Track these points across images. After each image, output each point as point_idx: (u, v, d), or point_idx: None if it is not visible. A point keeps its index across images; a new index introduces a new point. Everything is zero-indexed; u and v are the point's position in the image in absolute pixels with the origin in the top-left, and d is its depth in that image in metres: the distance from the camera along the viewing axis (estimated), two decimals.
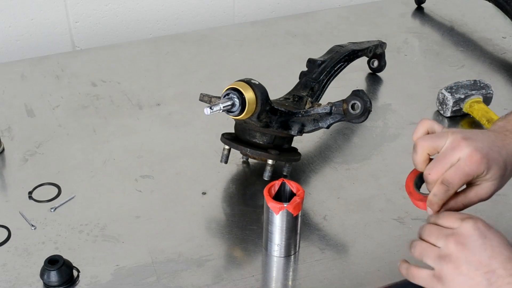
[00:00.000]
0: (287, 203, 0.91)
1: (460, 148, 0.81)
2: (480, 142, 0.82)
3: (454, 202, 0.84)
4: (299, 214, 0.94)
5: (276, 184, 0.94)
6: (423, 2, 1.76)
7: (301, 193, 0.93)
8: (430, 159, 0.85)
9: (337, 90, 1.21)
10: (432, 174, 0.83)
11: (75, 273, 0.93)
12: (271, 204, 0.92)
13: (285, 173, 1.09)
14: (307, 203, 1.07)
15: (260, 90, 0.98)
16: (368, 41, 1.38)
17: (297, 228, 0.96)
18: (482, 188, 0.83)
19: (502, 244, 0.74)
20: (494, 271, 0.72)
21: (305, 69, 1.22)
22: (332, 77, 1.22)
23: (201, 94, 1.07)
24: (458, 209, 0.85)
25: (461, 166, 0.80)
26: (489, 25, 1.67)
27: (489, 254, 0.73)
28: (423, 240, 0.80)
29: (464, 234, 0.75)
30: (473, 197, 0.84)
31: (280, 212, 0.92)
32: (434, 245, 0.77)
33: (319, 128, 1.08)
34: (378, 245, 1.00)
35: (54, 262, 0.91)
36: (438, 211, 0.84)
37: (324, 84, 1.20)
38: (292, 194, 0.94)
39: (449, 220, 0.78)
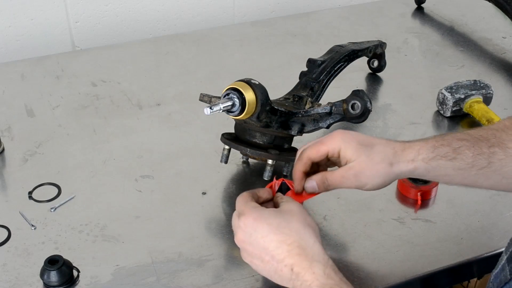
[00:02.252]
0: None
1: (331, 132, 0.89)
2: (355, 132, 0.89)
3: (318, 174, 0.88)
4: None
5: (276, 184, 0.94)
6: (423, 2, 1.76)
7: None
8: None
9: (337, 90, 1.21)
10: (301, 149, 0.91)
11: (75, 273, 0.93)
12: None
13: (285, 173, 1.09)
14: (307, 203, 1.07)
15: (260, 90, 0.98)
16: (368, 41, 1.38)
17: None
18: (345, 167, 0.86)
19: (271, 232, 0.79)
20: (273, 256, 0.78)
21: (305, 69, 1.22)
22: (332, 77, 1.22)
23: (201, 94, 1.07)
24: (321, 183, 0.88)
25: (320, 138, 0.89)
26: (489, 25, 1.67)
27: (262, 245, 0.79)
28: None
29: (239, 235, 0.82)
30: (335, 173, 0.87)
31: None
32: None
33: (319, 128, 1.08)
34: (378, 245, 1.00)
35: (54, 262, 0.91)
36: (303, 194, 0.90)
37: (324, 84, 1.20)
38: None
39: (235, 214, 0.84)
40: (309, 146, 0.89)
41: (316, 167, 0.91)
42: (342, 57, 1.25)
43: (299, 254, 0.78)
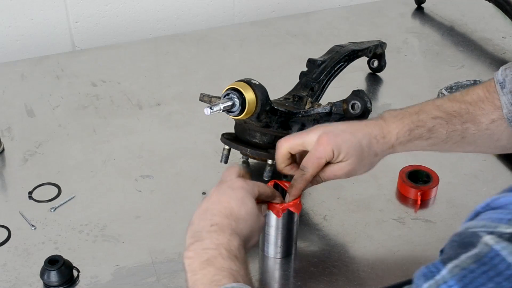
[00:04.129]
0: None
1: (313, 131, 0.90)
2: (335, 128, 0.90)
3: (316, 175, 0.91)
4: (295, 215, 0.93)
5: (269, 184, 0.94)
6: (423, 2, 1.76)
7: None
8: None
9: (337, 90, 1.21)
10: (280, 142, 0.92)
11: (75, 273, 0.93)
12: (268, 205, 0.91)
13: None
14: (307, 203, 1.07)
15: (260, 90, 0.98)
16: (368, 41, 1.38)
17: (292, 229, 0.95)
18: (338, 165, 0.89)
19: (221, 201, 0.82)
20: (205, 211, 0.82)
21: (305, 69, 1.22)
22: (332, 77, 1.22)
23: (201, 94, 1.07)
24: (317, 182, 0.91)
25: (312, 151, 0.89)
26: (489, 25, 1.67)
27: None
28: None
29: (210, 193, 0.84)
30: (328, 171, 0.90)
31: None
32: None
33: None
34: (378, 245, 1.00)
35: (54, 262, 0.91)
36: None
37: (324, 84, 1.20)
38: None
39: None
40: (309, 164, 0.89)
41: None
42: (342, 57, 1.25)
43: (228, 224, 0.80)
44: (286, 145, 0.91)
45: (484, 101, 0.90)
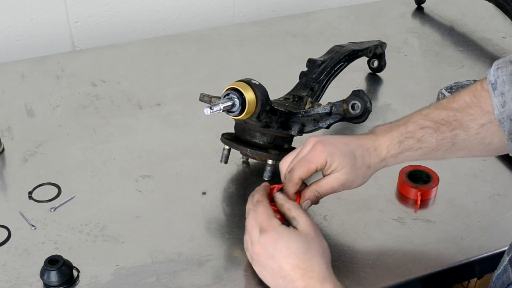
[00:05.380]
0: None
1: (308, 143, 0.92)
2: (329, 138, 0.92)
3: (309, 190, 0.92)
4: None
5: (276, 188, 0.93)
6: (423, 2, 1.76)
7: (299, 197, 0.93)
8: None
9: (337, 90, 1.21)
10: (281, 163, 0.95)
11: (75, 273, 0.93)
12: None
13: None
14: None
15: (260, 90, 0.98)
16: (368, 41, 1.38)
17: None
18: (333, 177, 0.90)
19: (288, 255, 0.82)
20: (286, 276, 0.82)
21: (305, 69, 1.22)
22: (332, 77, 1.22)
23: (201, 94, 1.07)
24: (314, 198, 0.92)
25: (305, 156, 0.90)
26: (489, 25, 1.67)
27: (278, 263, 0.83)
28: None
29: (257, 248, 0.85)
30: (324, 185, 0.91)
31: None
32: None
33: (319, 128, 1.08)
34: (378, 245, 1.00)
35: (54, 262, 0.91)
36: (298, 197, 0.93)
37: (324, 84, 1.20)
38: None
39: (256, 222, 0.86)
40: (297, 166, 0.91)
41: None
42: (342, 57, 1.25)
43: (311, 277, 0.81)
44: (285, 164, 0.93)
45: (471, 107, 0.90)
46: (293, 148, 1.11)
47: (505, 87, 0.86)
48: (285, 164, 0.94)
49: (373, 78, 1.45)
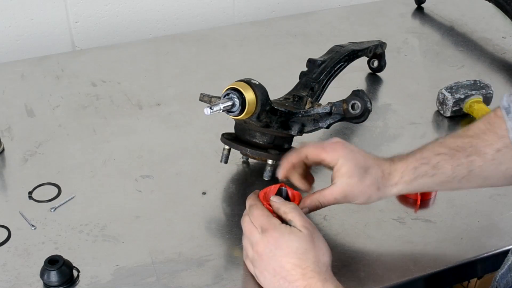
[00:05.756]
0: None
1: (332, 139, 0.94)
2: (353, 145, 0.93)
3: (311, 199, 0.92)
4: None
5: (273, 188, 0.93)
6: (423, 2, 1.76)
7: (298, 197, 0.93)
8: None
9: (337, 90, 1.21)
10: (284, 158, 0.96)
11: (75, 273, 0.93)
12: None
13: None
14: None
15: (260, 90, 0.98)
16: (368, 41, 1.38)
17: None
18: (337, 186, 0.90)
19: (290, 253, 0.82)
20: (286, 277, 0.82)
21: (305, 69, 1.22)
22: (332, 77, 1.22)
23: (201, 94, 1.07)
24: (314, 207, 0.92)
25: (324, 144, 0.92)
26: (489, 25, 1.67)
27: (279, 263, 0.83)
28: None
29: (260, 247, 0.85)
30: (327, 195, 0.91)
31: None
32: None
33: (319, 128, 1.08)
34: (378, 245, 1.00)
35: (54, 262, 0.91)
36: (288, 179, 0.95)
37: (324, 84, 1.20)
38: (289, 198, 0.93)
39: (255, 223, 0.86)
40: (311, 145, 0.93)
41: (304, 166, 0.96)
42: (342, 57, 1.25)
43: (312, 277, 0.81)
44: (286, 160, 0.94)
45: (486, 133, 0.89)
46: (293, 148, 1.11)
47: None
48: (286, 160, 0.94)
49: (373, 78, 1.45)
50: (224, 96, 0.97)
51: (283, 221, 0.87)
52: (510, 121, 0.87)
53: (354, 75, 1.42)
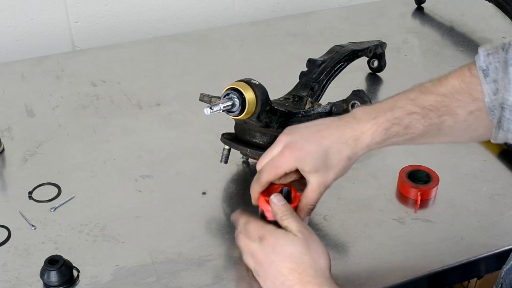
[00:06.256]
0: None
1: (278, 143, 0.89)
2: (299, 138, 0.88)
3: (302, 210, 0.89)
4: None
5: (277, 186, 0.92)
6: (423, 2, 1.76)
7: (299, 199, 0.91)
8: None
9: (337, 90, 1.21)
10: (258, 165, 0.91)
11: (75, 273, 0.93)
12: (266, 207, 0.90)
13: None
14: None
15: (260, 90, 0.98)
16: (368, 41, 1.38)
17: None
18: (312, 183, 0.88)
19: (285, 258, 0.82)
20: (284, 282, 0.81)
21: (305, 69, 1.22)
22: (332, 77, 1.22)
23: (201, 94, 1.07)
24: (309, 211, 0.89)
25: (274, 160, 0.88)
26: (489, 25, 1.67)
27: (277, 268, 0.82)
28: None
29: (259, 255, 0.85)
30: (310, 194, 0.88)
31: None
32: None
33: None
34: (378, 245, 1.00)
35: (54, 262, 0.91)
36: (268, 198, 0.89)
37: (324, 84, 1.20)
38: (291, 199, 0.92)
39: (251, 236, 0.86)
40: (266, 169, 0.89)
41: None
42: (342, 57, 1.25)
43: (308, 282, 0.80)
44: (259, 166, 0.91)
45: (460, 93, 0.86)
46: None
47: (499, 74, 0.83)
48: (259, 166, 0.91)
49: (373, 78, 1.45)
50: (224, 96, 0.97)
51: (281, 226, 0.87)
52: (487, 84, 0.84)
53: (354, 75, 1.42)
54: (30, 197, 1.08)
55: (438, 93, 0.88)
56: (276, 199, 0.88)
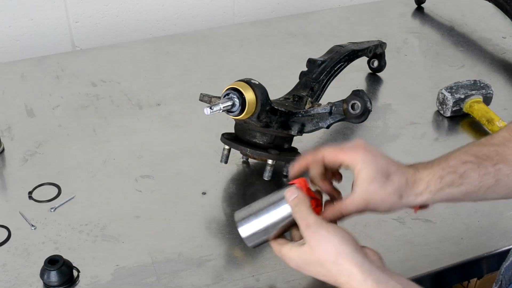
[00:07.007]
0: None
1: (355, 140, 0.88)
2: (377, 149, 0.87)
3: (331, 211, 0.87)
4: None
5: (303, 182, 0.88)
6: (423, 2, 1.76)
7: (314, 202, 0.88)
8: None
9: (337, 90, 1.21)
10: (299, 159, 0.90)
11: (75, 273, 0.93)
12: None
13: (285, 173, 1.09)
14: None
15: (260, 90, 0.98)
16: (368, 41, 1.38)
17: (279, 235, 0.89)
18: (357, 193, 0.85)
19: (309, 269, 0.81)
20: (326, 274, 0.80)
21: (305, 69, 1.22)
22: (332, 77, 1.22)
23: (201, 94, 1.07)
24: (337, 218, 0.88)
25: (343, 146, 0.87)
26: (489, 25, 1.67)
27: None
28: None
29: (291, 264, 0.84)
30: (349, 203, 0.86)
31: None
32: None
33: (319, 128, 1.08)
34: (378, 245, 1.00)
35: (54, 262, 0.91)
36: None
37: (324, 84, 1.20)
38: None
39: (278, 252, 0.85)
40: (329, 148, 0.88)
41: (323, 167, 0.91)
42: (342, 57, 1.25)
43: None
44: (300, 160, 0.89)
45: (511, 141, 0.87)
46: (293, 148, 1.11)
47: None
48: (300, 159, 0.90)
49: (373, 78, 1.45)
50: (224, 96, 0.97)
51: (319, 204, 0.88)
52: None
53: (354, 75, 1.42)
54: (30, 197, 1.08)
55: (490, 144, 0.88)
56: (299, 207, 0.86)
